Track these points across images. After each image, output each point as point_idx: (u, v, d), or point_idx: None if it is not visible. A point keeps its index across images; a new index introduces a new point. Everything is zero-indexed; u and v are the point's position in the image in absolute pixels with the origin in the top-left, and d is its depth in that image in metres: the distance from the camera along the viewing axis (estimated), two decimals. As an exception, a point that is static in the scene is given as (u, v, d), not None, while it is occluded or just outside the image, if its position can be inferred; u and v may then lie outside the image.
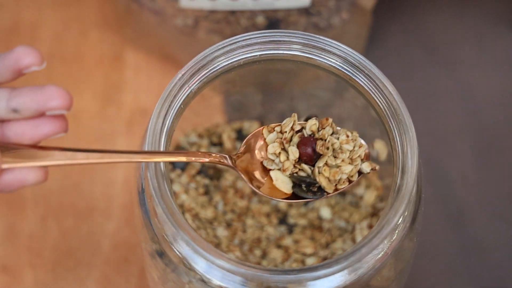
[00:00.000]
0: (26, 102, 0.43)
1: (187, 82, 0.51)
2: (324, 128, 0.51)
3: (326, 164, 0.50)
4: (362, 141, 0.51)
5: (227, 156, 0.51)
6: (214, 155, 0.50)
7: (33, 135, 0.44)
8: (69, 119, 0.75)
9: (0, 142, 0.44)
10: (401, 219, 0.48)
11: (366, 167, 0.51)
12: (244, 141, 0.52)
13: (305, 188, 0.50)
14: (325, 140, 0.50)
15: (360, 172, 0.51)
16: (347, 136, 0.51)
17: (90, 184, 0.75)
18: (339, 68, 0.53)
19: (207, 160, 0.49)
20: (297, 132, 0.51)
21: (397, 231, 0.49)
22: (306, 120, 0.52)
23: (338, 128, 0.52)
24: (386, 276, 0.55)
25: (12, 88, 0.45)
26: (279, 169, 0.51)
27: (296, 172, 0.50)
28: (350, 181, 0.51)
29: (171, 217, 0.47)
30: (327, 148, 0.50)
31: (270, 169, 0.51)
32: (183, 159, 0.49)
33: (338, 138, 0.51)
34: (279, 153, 0.51)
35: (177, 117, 0.51)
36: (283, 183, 0.50)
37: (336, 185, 0.51)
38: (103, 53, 0.80)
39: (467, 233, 0.74)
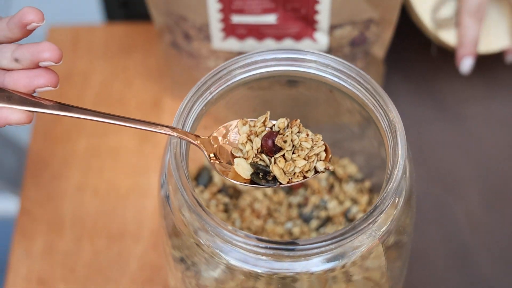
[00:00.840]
0: (25, 53, 0.51)
1: (208, 88, 0.58)
2: (291, 127, 0.56)
3: (283, 157, 0.55)
4: (326, 145, 0.56)
5: (196, 136, 0.56)
6: (184, 132, 0.55)
7: (26, 84, 0.51)
8: (111, 153, 0.85)
9: None
10: (391, 203, 0.53)
11: (320, 165, 0.56)
12: (219, 128, 0.58)
13: (261, 176, 0.56)
14: (284, 135, 0.55)
15: (316, 171, 0.56)
16: (307, 135, 0.56)
17: (123, 210, 0.82)
18: (354, 90, 0.58)
19: (175, 134, 0.55)
20: (270, 128, 0.56)
21: (389, 218, 0.54)
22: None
23: (310, 131, 0.56)
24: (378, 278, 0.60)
25: (18, 44, 0.53)
26: (243, 157, 0.56)
27: (257, 161, 0.56)
28: (305, 177, 0.56)
29: (185, 191, 0.53)
30: (285, 142, 0.55)
31: (236, 156, 0.56)
32: (149, 128, 0.55)
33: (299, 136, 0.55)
34: (246, 142, 0.56)
35: (199, 118, 0.58)
36: (243, 169, 0.56)
37: (291, 178, 0.55)
38: (144, 99, 0.89)
39: (472, 272, 0.77)
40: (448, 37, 0.83)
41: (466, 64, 0.82)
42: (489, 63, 0.88)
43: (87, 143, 0.86)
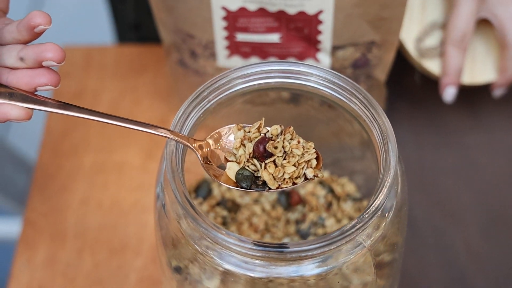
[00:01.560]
0: (29, 53, 0.53)
1: (206, 97, 0.60)
2: (284, 134, 0.57)
3: (274, 162, 0.56)
4: (319, 153, 0.57)
5: (195, 139, 0.57)
6: (180, 135, 0.56)
7: (28, 82, 0.53)
8: (116, 169, 0.86)
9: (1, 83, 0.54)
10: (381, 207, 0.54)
11: (309, 172, 0.57)
12: (214, 132, 0.59)
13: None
14: (276, 141, 0.56)
15: (306, 178, 0.57)
16: (299, 142, 0.57)
17: (125, 225, 0.83)
18: (349, 103, 0.59)
19: (171, 137, 0.56)
20: (264, 134, 0.57)
21: (378, 227, 0.55)
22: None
23: (302, 139, 0.57)
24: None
25: (25, 45, 0.54)
26: (236, 162, 0.57)
27: (248, 166, 0.57)
28: (294, 183, 0.56)
29: (179, 195, 0.54)
30: (275, 148, 0.56)
31: (229, 160, 0.57)
32: (145, 129, 0.55)
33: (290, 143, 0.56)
34: (239, 147, 0.57)
35: (196, 125, 0.60)
36: (234, 172, 0.57)
37: (280, 184, 0.56)
38: (151, 117, 0.91)
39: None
40: (431, 66, 0.85)
41: (449, 93, 0.84)
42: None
43: (93, 158, 0.88)
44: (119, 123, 0.55)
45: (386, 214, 0.56)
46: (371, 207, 0.53)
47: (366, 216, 0.53)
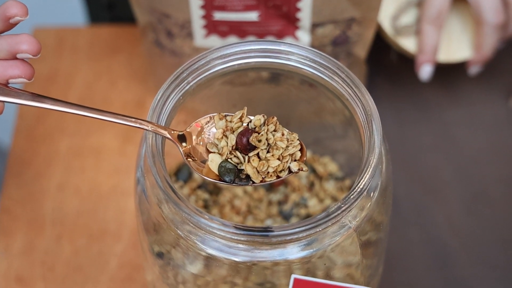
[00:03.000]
0: (3, 44, 0.51)
1: (185, 79, 0.58)
2: (268, 125, 0.55)
3: (257, 155, 0.54)
4: (303, 144, 0.55)
5: (171, 130, 0.55)
6: (158, 125, 0.55)
7: (0, 73, 0.51)
8: (93, 153, 0.85)
9: None
10: (367, 187, 0.53)
11: (294, 166, 0.55)
12: (192, 124, 0.57)
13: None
14: (259, 133, 0.54)
15: (290, 171, 0.55)
16: (283, 134, 0.55)
17: (104, 210, 0.81)
18: (331, 81, 0.58)
19: (149, 128, 0.54)
20: (247, 124, 0.56)
21: (363, 208, 0.54)
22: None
23: (286, 130, 0.56)
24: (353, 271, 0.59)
25: None
26: (218, 153, 0.55)
27: (231, 158, 0.55)
28: (278, 177, 0.55)
29: (160, 180, 0.53)
30: (259, 141, 0.54)
31: (211, 152, 0.56)
32: (123, 122, 0.53)
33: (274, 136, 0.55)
34: (221, 138, 0.55)
35: (176, 107, 0.58)
36: (217, 166, 0.55)
37: (264, 177, 0.55)
38: (127, 100, 0.89)
39: (451, 273, 0.77)
40: (407, 44, 0.84)
41: (425, 71, 0.83)
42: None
43: (69, 143, 0.86)
44: (96, 115, 0.53)
45: (371, 194, 0.55)
46: (356, 188, 0.53)
47: (352, 197, 0.52)
